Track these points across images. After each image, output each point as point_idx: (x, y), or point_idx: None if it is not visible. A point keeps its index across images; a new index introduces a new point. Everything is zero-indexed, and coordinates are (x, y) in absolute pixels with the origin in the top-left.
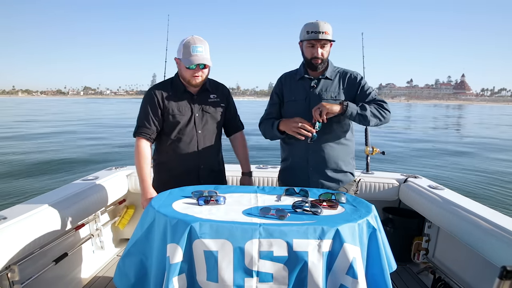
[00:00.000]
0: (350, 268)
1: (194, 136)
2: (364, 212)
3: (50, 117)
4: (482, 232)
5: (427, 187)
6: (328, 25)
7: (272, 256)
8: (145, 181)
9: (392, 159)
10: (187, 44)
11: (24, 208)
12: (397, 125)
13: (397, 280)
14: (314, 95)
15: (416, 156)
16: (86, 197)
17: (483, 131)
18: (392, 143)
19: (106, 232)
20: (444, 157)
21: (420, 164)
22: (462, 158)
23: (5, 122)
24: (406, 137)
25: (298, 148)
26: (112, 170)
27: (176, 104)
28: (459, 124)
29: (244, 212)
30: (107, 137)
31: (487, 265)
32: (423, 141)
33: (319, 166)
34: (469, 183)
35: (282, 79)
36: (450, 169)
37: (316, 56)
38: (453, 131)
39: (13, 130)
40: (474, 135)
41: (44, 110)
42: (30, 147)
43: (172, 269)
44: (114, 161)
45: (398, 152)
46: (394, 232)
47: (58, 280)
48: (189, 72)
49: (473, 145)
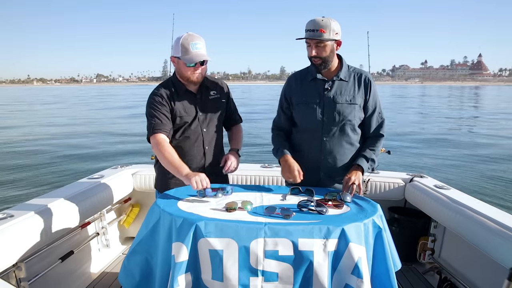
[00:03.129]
0: (355, 268)
1: (199, 135)
2: (370, 211)
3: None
4: (489, 232)
5: (433, 187)
6: (327, 22)
7: (277, 256)
8: (181, 167)
9: (398, 158)
10: (185, 41)
11: (30, 206)
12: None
13: (403, 280)
14: (328, 98)
15: (423, 155)
16: (92, 195)
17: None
18: (399, 142)
19: (112, 230)
20: (453, 156)
21: (427, 163)
22: (474, 156)
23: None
24: (414, 137)
25: (309, 152)
26: (118, 168)
27: (181, 105)
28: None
29: (250, 211)
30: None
31: (493, 265)
32: (432, 139)
33: (331, 170)
34: (477, 182)
35: (292, 80)
36: (458, 168)
37: (311, 56)
38: (466, 128)
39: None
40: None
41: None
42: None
43: (177, 267)
44: (120, 160)
45: (404, 151)
46: (399, 232)
47: (64, 278)
48: (189, 69)
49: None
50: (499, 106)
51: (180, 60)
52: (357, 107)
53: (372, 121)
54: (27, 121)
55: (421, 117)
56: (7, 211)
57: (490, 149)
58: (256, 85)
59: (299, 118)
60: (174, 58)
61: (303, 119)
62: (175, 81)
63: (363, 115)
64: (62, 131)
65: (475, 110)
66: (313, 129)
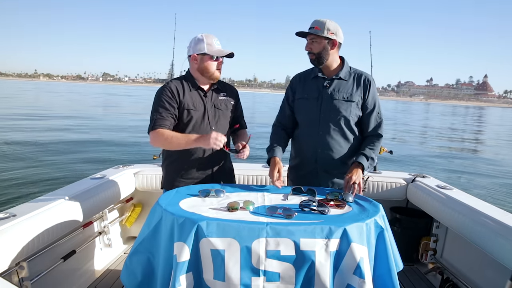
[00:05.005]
0: (357, 268)
1: (207, 132)
2: (372, 211)
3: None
4: (491, 233)
5: (435, 187)
6: (324, 22)
7: (279, 256)
8: (189, 135)
9: (400, 159)
10: (208, 39)
11: (33, 205)
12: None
13: (405, 281)
14: (326, 94)
15: (425, 155)
16: (94, 195)
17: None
18: (400, 142)
19: (114, 230)
20: (456, 158)
21: (429, 164)
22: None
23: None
24: (416, 137)
25: (307, 145)
26: (120, 168)
27: (191, 99)
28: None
29: (251, 211)
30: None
31: (496, 266)
32: (435, 143)
33: (327, 163)
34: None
35: (297, 78)
36: (461, 169)
37: (306, 50)
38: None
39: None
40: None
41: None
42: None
43: (179, 267)
44: (122, 160)
45: (406, 151)
46: (401, 232)
47: (66, 277)
48: (215, 64)
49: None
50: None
51: (206, 55)
52: (354, 104)
53: (370, 120)
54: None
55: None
56: (9, 210)
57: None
58: (261, 93)
59: (299, 112)
60: (196, 56)
61: (302, 113)
62: (188, 77)
63: (360, 113)
64: (64, 129)
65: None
66: (311, 123)
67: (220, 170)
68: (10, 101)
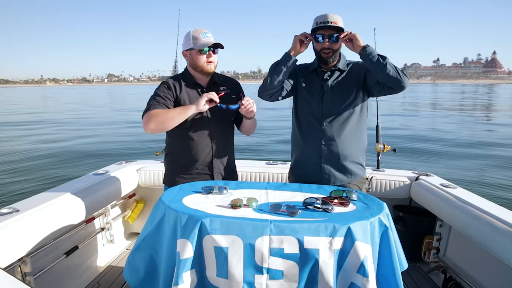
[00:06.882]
0: (361, 267)
1: (207, 128)
2: (376, 210)
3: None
4: (495, 231)
5: (439, 185)
6: (337, 17)
7: (282, 253)
8: (184, 106)
9: (404, 156)
10: (195, 33)
11: (36, 201)
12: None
13: (407, 279)
14: (327, 86)
15: (429, 153)
16: (96, 191)
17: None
18: (404, 140)
19: (116, 226)
20: (462, 155)
21: (433, 162)
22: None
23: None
24: (419, 134)
25: (312, 141)
26: (123, 164)
27: (187, 95)
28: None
29: (255, 208)
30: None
31: (500, 265)
32: (437, 139)
33: (331, 158)
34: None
35: (298, 67)
36: (466, 167)
37: (324, 47)
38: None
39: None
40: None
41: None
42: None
43: (182, 264)
44: (124, 156)
45: (410, 149)
46: (404, 230)
47: (68, 273)
48: (203, 57)
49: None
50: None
51: (193, 50)
52: (355, 93)
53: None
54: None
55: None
56: (13, 205)
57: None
58: None
59: (302, 105)
60: (186, 52)
61: (304, 105)
62: (185, 73)
63: (363, 100)
64: (67, 127)
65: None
66: (314, 116)
67: (222, 166)
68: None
